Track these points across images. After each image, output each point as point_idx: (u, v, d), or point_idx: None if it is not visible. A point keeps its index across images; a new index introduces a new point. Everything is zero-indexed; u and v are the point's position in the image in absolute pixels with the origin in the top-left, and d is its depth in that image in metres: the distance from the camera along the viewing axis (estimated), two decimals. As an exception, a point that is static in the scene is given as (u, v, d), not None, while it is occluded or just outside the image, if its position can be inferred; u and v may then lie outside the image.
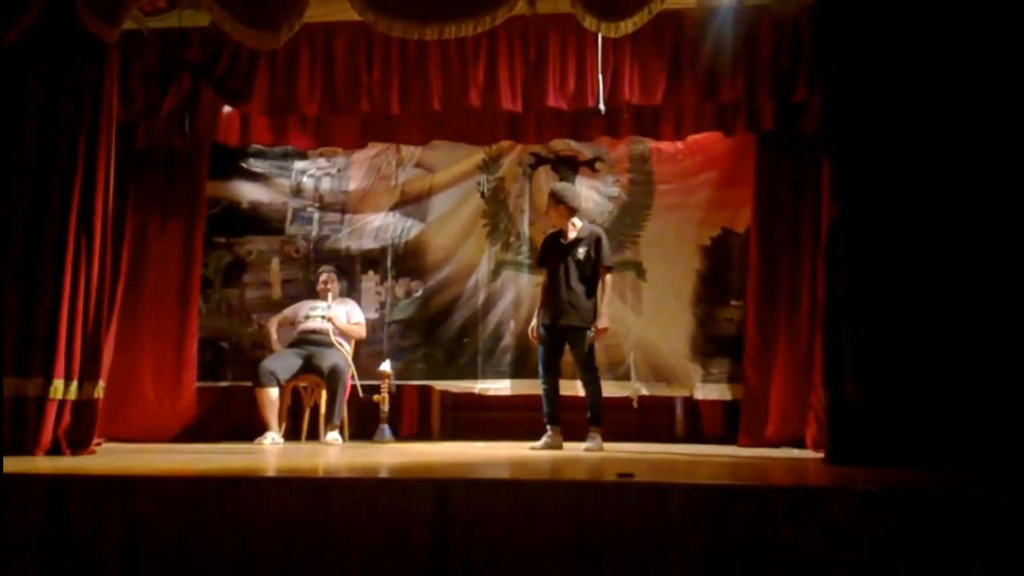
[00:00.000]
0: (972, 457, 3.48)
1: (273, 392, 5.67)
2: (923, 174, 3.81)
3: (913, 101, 3.86)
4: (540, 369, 5.27)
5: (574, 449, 5.05)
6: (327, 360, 5.78)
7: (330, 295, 6.04)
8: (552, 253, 5.33)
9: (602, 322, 5.13)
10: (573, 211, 5.32)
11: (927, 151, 3.82)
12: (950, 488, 2.91)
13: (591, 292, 5.21)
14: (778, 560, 2.69)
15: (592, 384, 5.18)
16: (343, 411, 5.79)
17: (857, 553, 2.66)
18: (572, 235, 5.28)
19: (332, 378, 5.73)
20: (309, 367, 5.82)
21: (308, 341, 5.93)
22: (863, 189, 3.93)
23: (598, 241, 5.23)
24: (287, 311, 6.19)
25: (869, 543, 2.66)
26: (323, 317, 5.96)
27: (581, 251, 5.19)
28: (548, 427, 5.19)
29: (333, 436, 5.66)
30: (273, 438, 5.57)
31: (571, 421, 5.28)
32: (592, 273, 5.21)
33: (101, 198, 4.57)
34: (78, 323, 4.46)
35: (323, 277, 6.13)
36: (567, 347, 5.23)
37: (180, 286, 5.92)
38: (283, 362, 5.79)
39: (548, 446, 5.11)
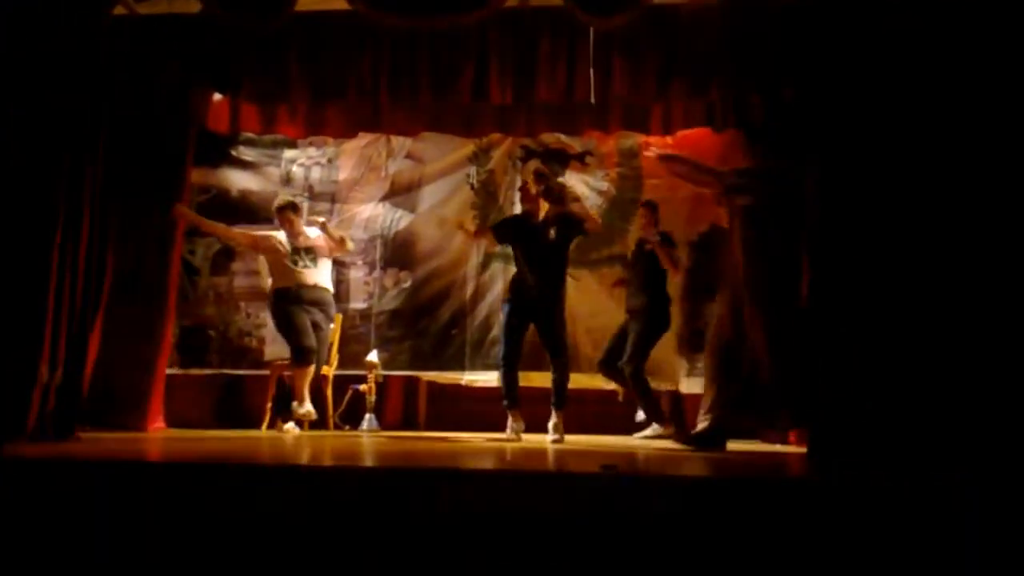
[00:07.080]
0: (949, 457, 3.51)
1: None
2: (904, 180, 3.81)
3: (896, 106, 3.87)
4: (504, 351, 5.21)
5: (540, 440, 5.05)
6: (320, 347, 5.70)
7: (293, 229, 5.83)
8: (521, 234, 5.33)
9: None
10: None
11: (909, 157, 3.83)
12: (925, 486, 2.95)
13: (562, 273, 5.26)
14: (759, 553, 2.72)
15: (563, 367, 5.17)
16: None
17: (837, 547, 2.69)
18: (541, 216, 5.30)
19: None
20: None
21: (310, 301, 5.71)
22: (845, 192, 3.93)
23: (565, 218, 5.24)
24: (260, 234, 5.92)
25: (848, 537, 2.70)
26: (310, 250, 5.78)
27: (552, 232, 5.21)
28: (510, 411, 5.18)
29: (290, 425, 5.60)
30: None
31: (534, 413, 5.25)
32: (562, 254, 5.25)
33: (89, 185, 4.56)
34: (64, 310, 4.45)
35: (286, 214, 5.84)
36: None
37: (158, 273, 5.81)
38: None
39: (517, 431, 5.13)
